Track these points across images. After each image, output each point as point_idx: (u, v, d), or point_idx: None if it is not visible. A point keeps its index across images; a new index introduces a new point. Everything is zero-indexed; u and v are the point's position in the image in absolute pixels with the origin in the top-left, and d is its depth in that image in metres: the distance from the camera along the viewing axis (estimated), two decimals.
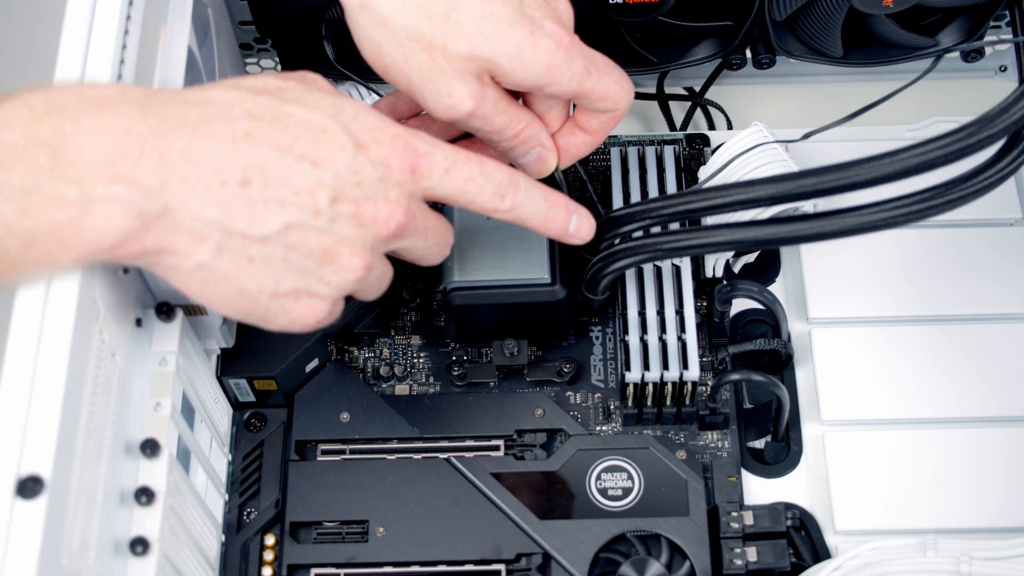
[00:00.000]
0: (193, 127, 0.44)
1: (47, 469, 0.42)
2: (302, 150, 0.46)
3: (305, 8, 0.66)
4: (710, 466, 0.63)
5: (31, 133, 0.41)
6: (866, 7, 0.65)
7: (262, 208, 0.45)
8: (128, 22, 0.52)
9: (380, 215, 0.48)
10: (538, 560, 0.60)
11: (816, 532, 0.62)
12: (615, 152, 0.70)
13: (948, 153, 0.50)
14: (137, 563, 0.49)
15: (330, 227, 0.47)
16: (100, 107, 0.42)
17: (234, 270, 0.46)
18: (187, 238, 0.44)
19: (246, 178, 0.44)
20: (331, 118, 0.47)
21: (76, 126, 0.41)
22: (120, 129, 0.42)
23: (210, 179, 0.44)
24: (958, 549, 0.58)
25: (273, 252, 0.46)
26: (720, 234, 0.57)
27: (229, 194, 0.44)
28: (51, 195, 0.41)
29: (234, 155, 0.44)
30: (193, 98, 0.45)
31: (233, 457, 0.64)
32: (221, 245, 0.45)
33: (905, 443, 0.62)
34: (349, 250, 0.47)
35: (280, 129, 0.46)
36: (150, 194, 0.43)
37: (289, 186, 0.45)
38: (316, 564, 0.61)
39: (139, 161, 0.42)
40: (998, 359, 0.64)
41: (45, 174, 0.41)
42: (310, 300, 0.48)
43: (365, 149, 0.47)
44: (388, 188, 0.48)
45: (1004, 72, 0.77)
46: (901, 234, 0.67)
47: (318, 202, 0.46)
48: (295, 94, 0.47)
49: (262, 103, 0.46)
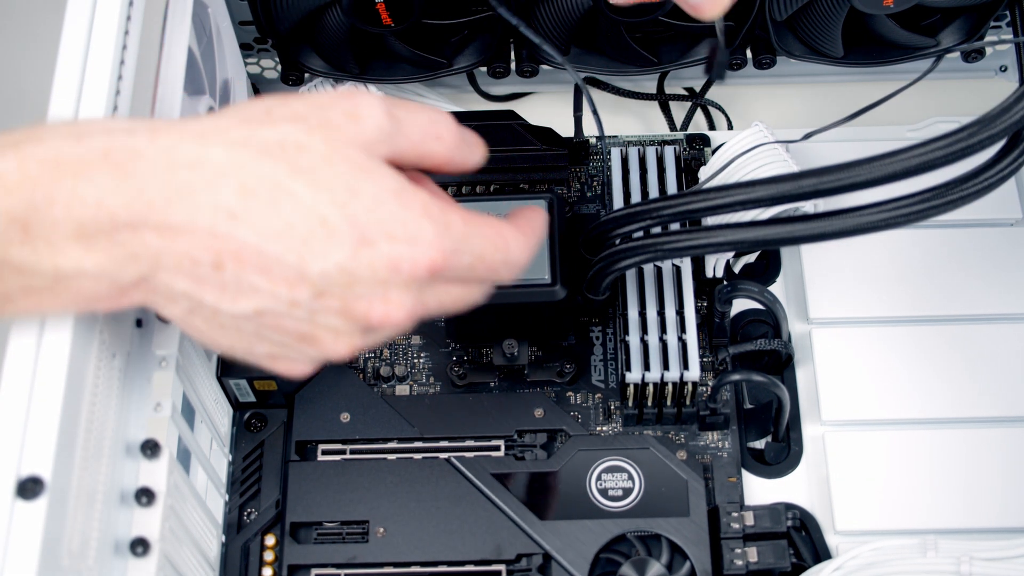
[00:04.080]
0: (172, 200, 0.40)
1: (47, 470, 0.42)
2: (290, 242, 0.41)
3: (305, 8, 0.66)
4: (710, 466, 0.63)
5: (2, 207, 0.40)
6: (866, 7, 0.65)
7: (233, 291, 0.42)
8: (128, 22, 0.52)
9: (374, 314, 0.43)
10: (538, 560, 0.60)
11: (816, 532, 0.62)
12: (615, 152, 0.70)
13: (948, 154, 0.50)
14: (137, 564, 0.49)
15: (311, 317, 0.43)
16: (76, 176, 0.40)
17: (207, 329, 0.44)
18: (160, 297, 0.43)
19: (218, 262, 0.41)
20: (338, 206, 0.41)
21: (49, 198, 0.40)
22: (93, 202, 0.40)
23: (182, 256, 0.41)
24: (958, 549, 0.58)
25: (245, 327, 0.44)
26: (721, 234, 0.57)
27: (200, 273, 0.42)
28: (25, 269, 0.41)
29: (210, 238, 0.41)
30: (185, 158, 0.41)
31: (233, 457, 0.64)
32: (192, 310, 0.43)
33: (905, 443, 0.62)
34: (333, 336, 0.44)
35: (272, 213, 0.41)
36: (121, 266, 0.41)
37: (266, 275, 0.41)
38: (316, 564, 0.61)
39: (111, 235, 0.41)
40: (999, 359, 0.64)
41: (17, 248, 0.40)
42: (287, 363, 0.46)
43: (371, 247, 0.42)
44: (389, 289, 0.43)
45: (1004, 72, 0.77)
46: (902, 234, 0.67)
47: (296, 295, 0.42)
48: (312, 159, 0.42)
49: (264, 173, 0.41)
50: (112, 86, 0.51)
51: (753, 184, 0.53)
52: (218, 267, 0.41)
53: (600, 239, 0.62)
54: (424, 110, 0.46)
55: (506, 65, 0.72)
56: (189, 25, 0.57)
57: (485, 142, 0.62)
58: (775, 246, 0.65)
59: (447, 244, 0.43)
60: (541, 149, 0.70)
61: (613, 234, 0.61)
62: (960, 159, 0.51)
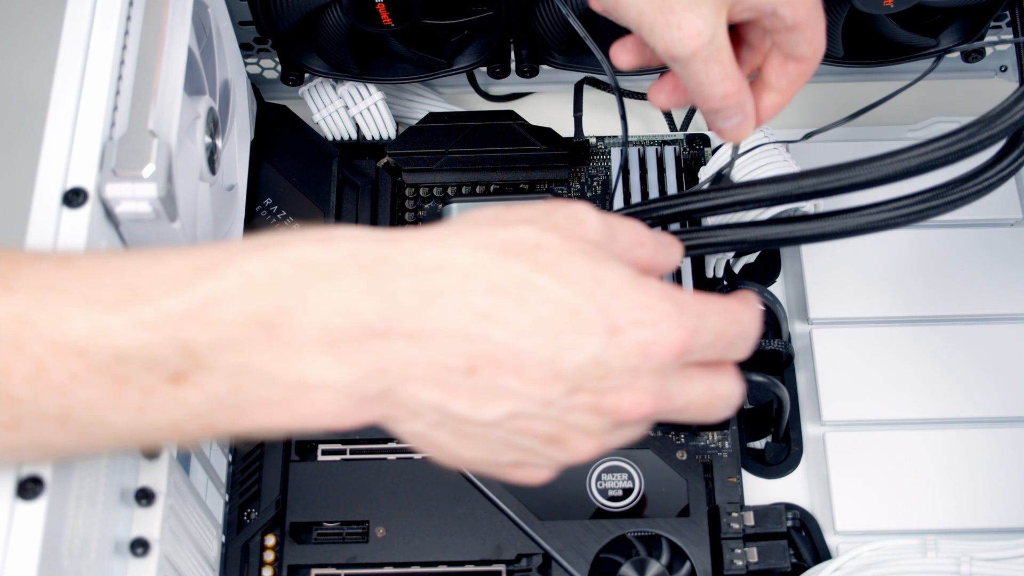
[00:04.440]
0: (423, 304, 0.39)
1: (47, 470, 0.42)
2: (544, 337, 0.39)
3: (305, 8, 0.66)
4: (710, 467, 0.63)
5: (248, 310, 0.38)
6: (867, 7, 0.65)
7: (486, 396, 0.40)
8: (128, 22, 0.52)
9: (624, 406, 0.41)
10: (539, 561, 0.60)
11: (816, 532, 0.62)
12: (615, 152, 0.70)
13: (949, 154, 0.50)
14: (137, 564, 0.49)
15: (562, 416, 0.41)
16: (326, 280, 0.38)
17: (450, 442, 0.42)
18: (404, 412, 0.41)
19: (472, 367, 0.39)
20: (587, 296, 0.40)
21: (297, 302, 0.38)
22: (344, 309, 0.38)
23: (433, 365, 0.39)
24: (958, 549, 0.58)
25: (493, 434, 0.41)
26: (721, 234, 0.57)
27: (452, 380, 0.39)
28: (266, 378, 0.38)
29: (463, 341, 0.39)
30: (431, 262, 0.40)
31: (233, 457, 0.64)
32: (438, 423, 0.41)
33: (905, 443, 0.62)
34: (582, 436, 0.42)
35: (523, 310, 0.39)
36: (369, 378, 0.39)
37: (520, 375, 0.40)
38: (316, 564, 0.61)
39: (361, 344, 0.38)
40: (999, 359, 0.64)
41: (260, 355, 0.38)
42: (531, 470, 0.44)
43: (620, 335, 0.40)
44: (639, 377, 0.41)
45: (1004, 72, 0.77)
46: (902, 234, 0.67)
47: (550, 394, 0.40)
48: (552, 255, 0.41)
49: (510, 271, 0.40)
50: (112, 86, 0.51)
51: (753, 184, 0.53)
52: (471, 372, 0.39)
53: None
54: (624, 219, 0.46)
55: (506, 65, 0.72)
56: (189, 25, 0.57)
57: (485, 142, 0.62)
58: (775, 246, 0.65)
59: (689, 323, 0.42)
60: (541, 149, 0.70)
61: None
62: (960, 159, 0.51)
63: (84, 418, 0.38)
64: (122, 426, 0.38)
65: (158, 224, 0.51)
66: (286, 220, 0.68)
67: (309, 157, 0.70)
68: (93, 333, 0.37)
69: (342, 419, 0.40)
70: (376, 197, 0.70)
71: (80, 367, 0.37)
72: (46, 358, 0.37)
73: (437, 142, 0.71)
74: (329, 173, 0.69)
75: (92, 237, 0.48)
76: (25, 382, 0.37)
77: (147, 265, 0.39)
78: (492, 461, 0.43)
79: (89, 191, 0.49)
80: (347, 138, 0.74)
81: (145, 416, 0.38)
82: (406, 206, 0.71)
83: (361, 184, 0.70)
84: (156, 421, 0.38)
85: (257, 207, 0.68)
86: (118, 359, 0.37)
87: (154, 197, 0.49)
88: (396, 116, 0.75)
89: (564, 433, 0.42)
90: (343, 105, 0.73)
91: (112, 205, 0.50)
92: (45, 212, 0.48)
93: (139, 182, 0.49)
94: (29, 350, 0.37)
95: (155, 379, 0.38)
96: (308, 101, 0.74)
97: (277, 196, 0.68)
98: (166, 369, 0.38)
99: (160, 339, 0.37)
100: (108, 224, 0.50)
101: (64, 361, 0.37)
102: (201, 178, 0.58)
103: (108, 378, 0.37)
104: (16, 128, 0.52)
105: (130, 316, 0.37)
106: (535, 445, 0.42)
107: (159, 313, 0.38)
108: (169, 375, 0.38)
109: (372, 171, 0.71)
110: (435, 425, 0.41)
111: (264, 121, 0.71)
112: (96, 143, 0.50)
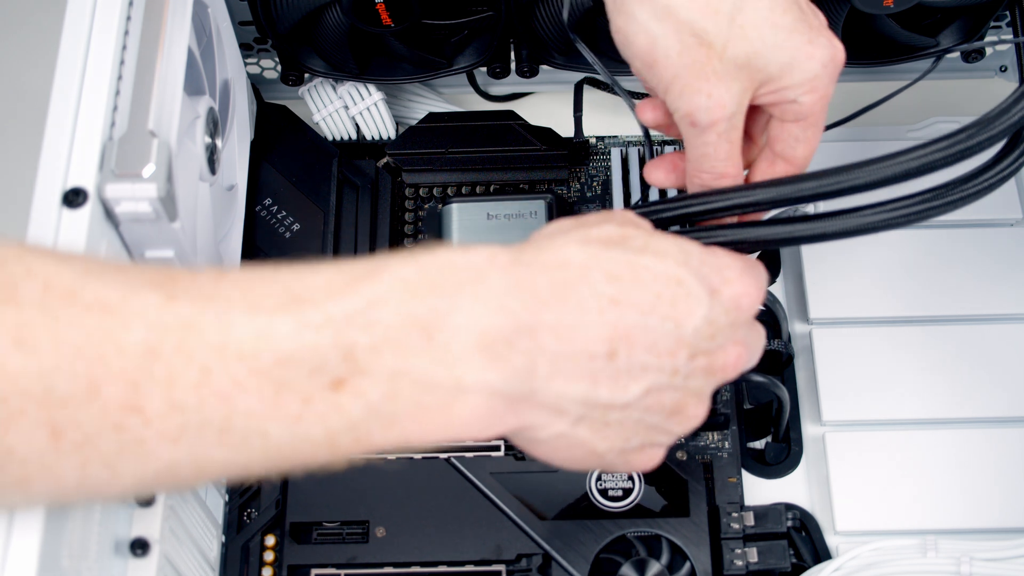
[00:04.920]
0: (561, 298, 0.41)
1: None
2: (664, 310, 0.43)
3: (305, 8, 0.66)
4: (710, 467, 0.63)
5: (405, 311, 0.39)
6: (867, 7, 0.65)
7: (626, 377, 0.43)
8: (128, 22, 0.52)
9: (730, 361, 0.46)
10: (539, 561, 0.60)
11: (816, 533, 0.62)
12: (615, 152, 0.70)
13: (948, 156, 0.50)
14: (137, 564, 0.49)
15: (684, 383, 0.45)
16: (475, 281, 0.40)
17: (590, 436, 0.44)
18: (547, 413, 0.42)
19: (612, 350, 0.42)
20: (684, 265, 0.44)
21: (451, 303, 0.39)
22: (495, 307, 0.40)
23: (578, 355, 0.42)
24: (958, 549, 0.58)
25: (630, 416, 0.44)
26: (720, 235, 0.57)
27: (596, 368, 0.42)
28: (423, 381, 0.39)
29: (602, 326, 0.42)
30: (552, 260, 0.42)
31: None
32: (581, 417, 0.43)
33: (905, 444, 0.62)
34: (696, 400, 0.46)
35: (640, 289, 0.43)
36: (520, 377, 0.41)
37: (652, 350, 0.43)
38: (316, 564, 0.61)
39: (512, 342, 0.40)
40: (999, 360, 0.64)
41: (418, 357, 0.39)
42: (652, 450, 0.47)
43: (718, 295, 0.45)
44: (737, 330, 0.46)
45: (1004, 72, 0.77)
46: (902, 235, 0.67)
47: (677, 361, 0.44)
48: (641, 240, 0.45)
49: (618, 259, 0.43)
50: (112, 86, 0.51)
51: (753, 186, 0.53)
52: (612, 356, 0.42)
53: None
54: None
55: (506, 65, 0.72)
56: (189, 25, 0.57)
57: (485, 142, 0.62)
58: (775, 246, 0.65)
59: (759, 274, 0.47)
60: (541, 149, 0.70)
61: None
62: (960, 161, 0.51)
63: (243, 428, 0.38)
64: (278, 438, 0.38)
65: (158, 224, 0.51)
66: (286, 220, 0.68)
67: (309, 157, 0.70)
68: (258, 336, 0.37)
69: (490, 425, 0.41)
70: (376, 197, 0.70)
71: (243, 372, 0.37)
72: (211, 363, 0.37)
73: (437, 142, 0.71)
74: (329, 173, 0.69)
75: (92, 237, 0.48)
76: (191, 389, 0.37)
77: (303, 275, 0.40)
78: (623, 448, 0.45)
79: (89, 191, 0.49)
80: (347, 138, 0.74)
81: (302, 426, 0.38)
82: (406, 206, 0.71)
83: (361, 184, 0.70)
84: (311, 432, 0.38)
85: (257, 207, 0.68)
86: (282, 362, 0.37)
87: (154, 197, 0.49)
88: (396, 116, 0.75)
89: (684, 400, 0.45)
90: (343, 105, 0.73)
91: (112, 205, 0.50)
92: (45, 212, 0.48)
93: (139, 182, 0.49)
94: (195, 356, 0.37)
95: (315, 385, 0.38)
96: (308, 101, 0.74)
97: (277, 196, 0.68)
98: (327, 374, 0.38)
99: (324, 341, 0.38)
100: (108, 224, 0.51)
101: (228, 366, 0.37)
102: (201, 178, 0.58)
103: (270, 384, 0.37)
104: (16, 128, 0.52)
105: (295, 319, 0.38)
106: (660, 420, 0.45)
107: (323, 316, 0.38)
108: (330, 380, 0.38)
109: (372, 171, 0.71)
110: (577, 421, 0.43)
111: (264, 121, 0.71)
112: (96, 143, 0.50)
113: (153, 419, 0.37)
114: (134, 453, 0.37)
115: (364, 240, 0.68)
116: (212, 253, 0.59)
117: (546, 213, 0.64)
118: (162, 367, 0.37)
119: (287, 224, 0.67)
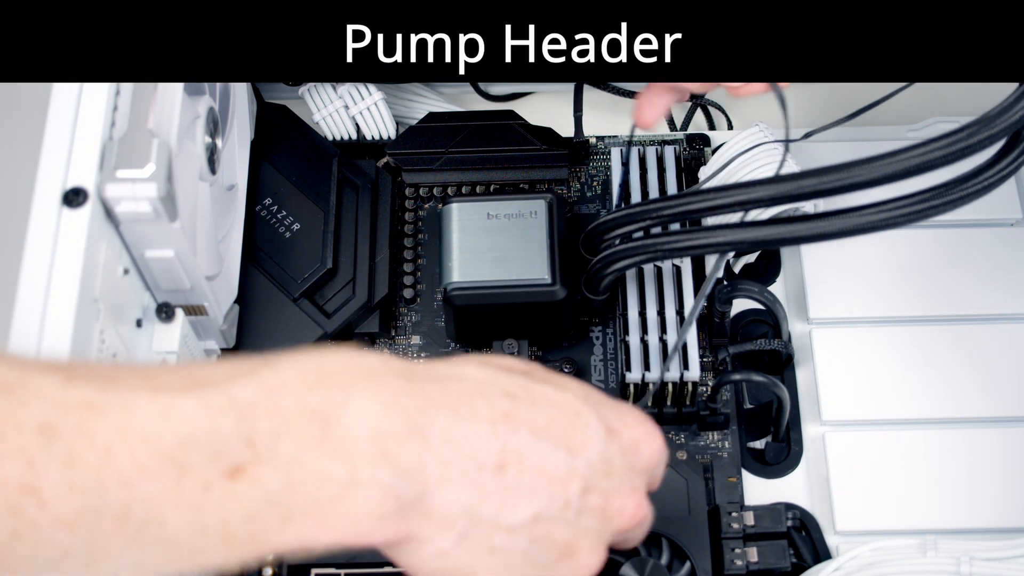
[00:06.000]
0: (454, 405, 0.42)
1: None
2: (557, 435, 0.43)
3: None
4: (710, 466, 0.63)
5: (304, 399, 0.39)
6: None
7: (514, 496, 0.42)
8: None
9: (627, 509, 0.46)
10: None
11: (817, 532, 0.62)
12: (615, 152, 0.70)
13: (948, 154, 0.50)
14: None
15: (576, 520, 0.44)
16: (369, 378, 0.40)
17: (472, 560, 0.43)
18: (434, 524, 0.42)
19: (502, 463, 0.42)
20: (583, 400, 0.45)
21: (346, 396, 0.40)
22: (388, 404, 0.40)
23: (467, 462, 0.41)
24: (958, 549, 0.58)
25: (516, 544, 0.43)
26: (721, 234, 0.57)
27: (484, 479, 0.42)
28: (318, 472, 0.38)
29: (492, 437, 0.42)
30: (449, 374, 0.43)
31: None
32: (465, 533, 0.42)
33: (905, 443, 0.62)
34: (589, 545, 0.45)
35: (535, 411, 0.43)
36: (409, 477, 0.40)
37: (544, 473, 0.43)
38: (316, 564, 0.60)
39: (404, 440, 0.40)
40: (998, 359, 0.64)
41: (315, 447, 0.38)
42: None
43: (617, 435, 0.46)
44: (634, 477, 0.46)
45: None
46: (901, 234, 0.67)
47: (569, 492, 0.43)
48: (543, 374, 0.46)
49: (516, 382, 0.44)
50: (112, 86, 0.51)
51: (753, 184, 0.54)
52: (501, 468, 0.42)
53: (600, 239, 0.62)
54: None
55: None
56: None
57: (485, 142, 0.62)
58: (775, 246, 0.65)
59: (656, 432, 0.48)
60: (541, 149, 0.70)
61: (613, 234, 0.61)
62: (960, 159, 0.51)
63: (142, 516, 0.36)
64: (175, 527, 0.37)
65: (158, 224, 0.51)
66: (286, 220, 0.68)
67: (309, 157, 0.70)
68: (162, 416, 0.37)
69: (380, 525, 0.40)
70: (376, 197, 0.70)
71: (145, 455, 0.36)
72: (113, 445, 0.36)
73: (437, 142, 0.71)
74: (329, 173, 0.69)
75: (92, 237, 0.48)
76: (92, 471, 0.36)
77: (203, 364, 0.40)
78: None
79: (89, 191, 0.49)
80: (347, 138, 0.74)
81: (199, 516, 0.37)
82: (406, 206, 0.71)
83: (361, 184, 0.70)
84: (209, 523, 0.37)
85: (257, 207, 0.68)
86: (184, 444, 0.37)
87: (154, 197, 0.49)
88: (396, 116, 0.75)
89: (577, 541, 0.44)
90: (343, 105, 0.73)
91: (112, 205, 0.50)
92: (45, 212, 0.48)
93: (139, 182, 0.49)
94: (97, 437, 0.36)
95: (215, 471, 0.37)
96: (308, 101, 0.74)
97: (277, 196, 0.68)
98: (227, 459, 0.37)
99: (226, 424, 0.37)
100: (108, 224, 0.51)
101: (131, 447, 0.36)
102: (201, 178, 0.58)
103: (172, 468, 0.37)
104: (16, 128, 0.52)
105: (198, 400, 0.38)
106: (550, 560, 0.44)
107: (226, 398, 0.38)
108: (229, 467, 0.37)
109: (372, 171, 0.71)
110: (461, 538, 0.42)
111: (264, 121, 0.71)
112: (96, 143, 0.50)
113: (49, 502, 0.35)
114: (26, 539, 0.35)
115: (364, 240, 0.68)
116: (212, 253, 0.59)
117: (546, 213, 0.64)
118: (62, 446, 0.35)
119: (287, 224, 0.67)
